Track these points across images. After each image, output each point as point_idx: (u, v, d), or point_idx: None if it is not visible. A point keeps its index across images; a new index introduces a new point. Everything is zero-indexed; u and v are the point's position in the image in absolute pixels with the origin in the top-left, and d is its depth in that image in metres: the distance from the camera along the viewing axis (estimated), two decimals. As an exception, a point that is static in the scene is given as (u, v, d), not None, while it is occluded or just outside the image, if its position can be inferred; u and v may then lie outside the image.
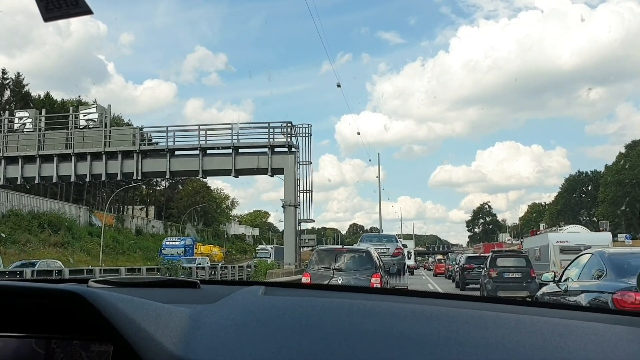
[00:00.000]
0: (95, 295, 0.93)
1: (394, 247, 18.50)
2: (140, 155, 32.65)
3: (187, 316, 1.01)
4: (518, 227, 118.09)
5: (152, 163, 32.92)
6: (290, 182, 31.73)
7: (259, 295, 1.25)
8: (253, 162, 32.28)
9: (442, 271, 45.41)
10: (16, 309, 1.04)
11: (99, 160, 32.92)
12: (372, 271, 11.09)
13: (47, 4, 1.22)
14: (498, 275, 17.72)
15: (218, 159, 32.78)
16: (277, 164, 32.01)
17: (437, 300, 1.39)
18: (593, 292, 6.92)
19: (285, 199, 31.64)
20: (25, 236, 47.99)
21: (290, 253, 31.39)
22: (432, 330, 1.01)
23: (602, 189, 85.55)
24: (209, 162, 32.64)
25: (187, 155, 33.39)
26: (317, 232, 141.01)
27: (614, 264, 6.97)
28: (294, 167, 31.97)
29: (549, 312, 1.31)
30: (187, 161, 33.10)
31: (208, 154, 32.88)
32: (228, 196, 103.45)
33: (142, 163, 32.69)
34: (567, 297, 7.71)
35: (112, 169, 32.91)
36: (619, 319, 1.24)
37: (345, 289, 1.59)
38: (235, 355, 0.89)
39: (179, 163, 32.95)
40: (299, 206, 32.09)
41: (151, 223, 78.69)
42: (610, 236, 28.49)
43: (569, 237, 24.63)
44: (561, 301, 7.76)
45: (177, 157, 33.23)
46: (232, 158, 32.15)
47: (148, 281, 1.48)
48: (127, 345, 0.87)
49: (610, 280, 6.66)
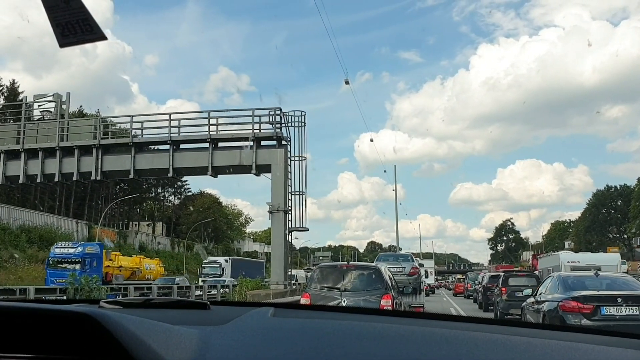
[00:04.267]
0: (106, 316, 0.92)
1: (410, 267, 17.94)
2: (100, 150, 26.03)
3: (197, 337, 0.99)
4: (541, 245, 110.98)
5: (114, 160, 26.21)
6: (280, 181, 24.77)
7: (269, 317, 1.23)
8: (234, 157, 25.39)
9: (462, 291, 44.18)
10: (28, 330, 1.00)
11: (52, 157, 26.40)
12: (383, 292, 9.67)
13: (63, 30, 1.25)
14: (509, 295, 17.62)
15: (192, 154, 25.93)
16: (263, 159, 25.09)
17: (446, 323, 1.34)
18: (551, 301, 9.75)
19: (273, 201, 24.65)
20: (9, 252, 42.52)
21: (278, 269, 24.32)
22: (441, 354, 0.98)
23: (634, 203, 77.42)
24: (182, 159, 25.78)
25: (157, 151, 26.73)
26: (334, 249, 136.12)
27: (564, 282, 10.08)
28: (284, 164, 25.01)
29: (559, 335, 1.27)
30: (156, 157, 26.30)
31: (181, 149, 26.15)
32: (241, 212, 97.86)
33: (103, 160, 25.98)
34: (538, 305, 10.41)
35: (68, 167, 26.24)
36: (631, 342, 1.20)
37: (355, 311, 1.57)
38: None
39: (145, 160, 26.15)
40: (289, 211, 25.13)
41: (157, 239, 72.24)
42: (619, 256, 29.83)
43: (579, 258, 25.60)
44: (536, 308, 10.46)
45: (145, 152, 26.56)
46: (209, 153, 25.33)
47: (159, 302, 1.46)
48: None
49: (560, 293, 9.64)
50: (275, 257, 24.65)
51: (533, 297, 11.07)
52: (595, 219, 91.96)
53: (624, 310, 8.78)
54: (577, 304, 8.95)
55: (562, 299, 9.28)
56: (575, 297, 9.10)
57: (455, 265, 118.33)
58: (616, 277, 11.35)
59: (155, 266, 42.65)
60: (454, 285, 55.92)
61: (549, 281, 10.78)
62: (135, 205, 77.28)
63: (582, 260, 24.02)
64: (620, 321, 8.60)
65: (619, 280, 10.54)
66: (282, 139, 25.25)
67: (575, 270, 17.96)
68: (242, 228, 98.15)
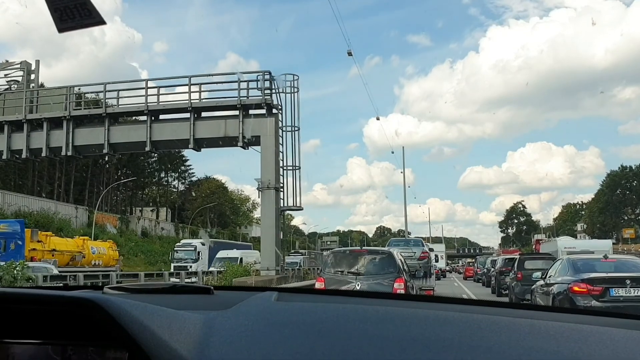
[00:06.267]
0: (110, 302, 0.91)
1: (420, 251, 17.89)
2: (71, 123, 22.90)
3: (200, 322, 0.98)
4: (553, 228, 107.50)
5: (87, 134, 23.02)
6: (270, 155, 21.53)
7: (272, 301, 1.20)
8: (219, 128, 22.14)
9: (472, 274, 43.74)
10: (33, 316, 1.02)
11: (19, 131, 23.34)
12: (395, 275, 9.71)
13: (61, 15, 1.23)
14: (525, 279, 16.25)
15: (172, 125, 22.65)
16: (251, 130, 21.81)
17: (451, 306, 1.33)
18: (560, 283, 9.76)
19: (263, 177, 21.43)
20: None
21: (269, 253, 21.16)
22: (445, 336, 0.97)
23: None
24: (160, 131, 22.52)
25: (133, 122, 23.57)
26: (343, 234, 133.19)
27: (573, 265, 10.06)
28: (274, 135, 21.77)
29: (564, 317, 1.25)
30: (132, 130, 23.05)
31: (160, 120, 22.94)
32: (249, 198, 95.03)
33: (74, 134, 22.86)
34: (547, 287, 10.43)
35: (36, 142, 23.11)
36: (636, 324, 1.18)
37: (359, 295, 1.59)
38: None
39: (121, 133, 22.93)
40: (282, 188, 21.92)
41: (160, 225, 69.47)
42: (610, 243, 32.71)
43: (575, 244, 26.86)
44: (546, 290, 10.50)
45: (120, 124, 23.38)
46: (190, 124, 22.10)
47: (162, 287, 1.42)
48: (141, 352, 0.85)
49: (569, 276, 9.63)
50: (265, 240, 21.46)
51: (543, 279, 11.09)
52: (609, 200, 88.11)
53: (633, 291, 8.89)
54: (586, 286, 9.00)
55: (571, 281, 9.31)
56: (585, 279, 9.14)
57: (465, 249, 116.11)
58: (625, 259, 11.32)
59: (107, 250, 34.08)
60: (464, 269, 55.42)
61: (558, 264, 10.86)
62: (138, 190, 74.58)
63: (577, 246, 24.97)
64: (627, 302, 8.70)
65: (628, 263, 10.51)
66: (272, 106, 21.97)
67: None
68: (250, 213, 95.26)
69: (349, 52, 30.10)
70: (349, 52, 30.10)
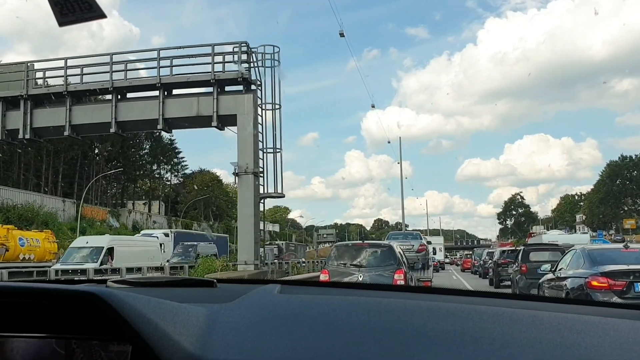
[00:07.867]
0: (113, 295, 0.91)
1: (418, 244, 17.89)
2: (29, 103, 20.38)
3: (204, 315, 0.97)
4: (551, 220, 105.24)
5: (47, 115, 20.45)
6: (247, 135, 18.98)
7: (275, 294, 1.20)
8: (191, 107, 19.59)
9: (469, 266, 43.59)
10: (37, 310, 1.01)
11: (-27, 113, 20.83)
12: (395, 267, 10.03)
13: (61, 9, 1.20)
14: (530, 272, 14.73)
15: (140, 104, 20.06)
16: (227, 108, 19.27)
17: (454, 297, 1.33)
18: (575, 277, 8.63)
19: (240, 161, 18.90)
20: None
21: (247, 246, 18.68)
22: (447, 327, 0.97)
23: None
24: (127, 110, 19.93)
25: (97, 101, 21.04)
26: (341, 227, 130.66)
27: (589, 256, 8.77)
28: (253, 113, 19.24)
29: (566, 308, 1.25)
30: (96, 110, 20.43)
31: (127, 99, 20.38)
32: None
33: (33, 115, 20.35)
34: (559, 281, 9.39)
35: (-9, 125, 20.73)
36: (638, 314, 1.17)
37: (362, 287, 1.57)
38: (251, 354, 0.86)
39: (84, 113, 20.35)
40: (261, 173, 19.42)
41: (152, 218, 67.05)
42: (588, 237, 33.64)
43: (558, 238, 27.09)
44: (557, 284, 9.51)
45: (83, 104, 20.84)
46: (159, 103, 19.56)
47: (165, 281, 1.43)
48: (145, 345, 0.85)
49: (585, 268, 8.46)
50: (243, 231, 18.94)
51: (552, 273, 10.09)
52: (609, 191, 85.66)
53: None
54: (607, 280, 7.94)
55: (589, 274, 8.27)
56: (604, 273, 8.06)
57: (463, 241, 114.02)
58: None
59: (41, 241, 27.18)
60: (462, 261, 54.73)
61: (570, 256, 9.73)
62: (130, 183, 72.10)
63: (560, 240, 24.86)
64: None
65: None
66: (250, 82, 19.44)
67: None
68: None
69: (340, 33, 27.83)
70: (340, 33, 27.83)
